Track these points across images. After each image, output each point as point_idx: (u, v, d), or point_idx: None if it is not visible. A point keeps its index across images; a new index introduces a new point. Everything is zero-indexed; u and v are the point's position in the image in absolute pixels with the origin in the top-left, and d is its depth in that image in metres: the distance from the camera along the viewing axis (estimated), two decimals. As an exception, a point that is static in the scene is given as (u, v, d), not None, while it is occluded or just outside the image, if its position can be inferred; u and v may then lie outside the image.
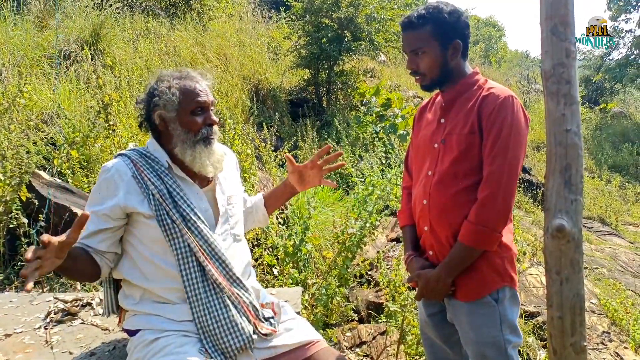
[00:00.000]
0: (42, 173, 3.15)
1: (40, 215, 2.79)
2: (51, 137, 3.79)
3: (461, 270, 1.68)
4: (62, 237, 1.39)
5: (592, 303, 3.79)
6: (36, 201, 2.83)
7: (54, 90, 4.62)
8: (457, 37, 1.69)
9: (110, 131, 3.67)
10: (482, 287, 1.68)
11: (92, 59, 5.46)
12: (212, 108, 1.75)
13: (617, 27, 18.84)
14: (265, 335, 1.64)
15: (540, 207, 7.20)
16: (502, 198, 1.58)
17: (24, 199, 2.83)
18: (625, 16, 18.59)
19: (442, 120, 1.78)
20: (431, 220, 1.76)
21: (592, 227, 6.89)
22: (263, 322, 1.66)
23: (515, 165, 1.59)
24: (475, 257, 1.65)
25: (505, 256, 1.70)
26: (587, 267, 4.82)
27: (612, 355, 3.17)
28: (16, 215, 2.76)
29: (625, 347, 3.26)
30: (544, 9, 1.23)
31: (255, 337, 1.61)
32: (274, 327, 1.68)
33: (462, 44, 1.70)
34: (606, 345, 3.27)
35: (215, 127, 1.75)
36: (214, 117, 1.73)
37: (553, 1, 1.22)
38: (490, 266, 1.68)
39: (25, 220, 2.79)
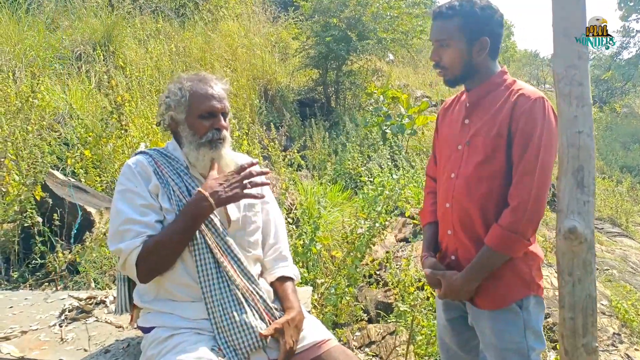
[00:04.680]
0: (56, 173, 3.20)
1: (54, 214, 2.83)
2: (64, 137, 3.84)
3: (486, 275, 1.62)
4: None
5: (602, 304, 3.78)
6: (50, 200, 2.87)
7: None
8: (486, 34, 1.62)
9: (123, 131, 3.72)
10: (508, 296, 1.63)
11: (103, 60, 5.52)
12: (224, 114, 1.73)
13: (628, 26, 18.71)
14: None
15: (550, 207, 7.17)
16: (533, 205, 1.53)
17: (38, 198, 2.88)
18: (636, 16, 18.46)
19: (467, 121, 1.72)
20: (454, 224, 1.71)
21: (602, 228, 6.84)
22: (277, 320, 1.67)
23: (547, 170, 1.53)
24: (501, 262, 1.60)
25: (532, 264, 1.65)
26: (597, 269, 4.79)
27: (622, 357, 3.16)
28: (31, 215, 2.80)
29: (636, 349, 3.25)
30: (556, 11, 1.24)
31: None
32: None
33: (490, 41, 1.63)
34: (616, 346, 3.26)
35: (225, 132, 1.73)
36: (223, 122, 1.72)
37: (565, 4, 1.22)
38: (516, 275, 1.63)
39: (40, 219, 2.83)
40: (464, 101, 1.76)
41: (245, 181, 1.62)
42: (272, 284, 1.79)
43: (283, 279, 1.80)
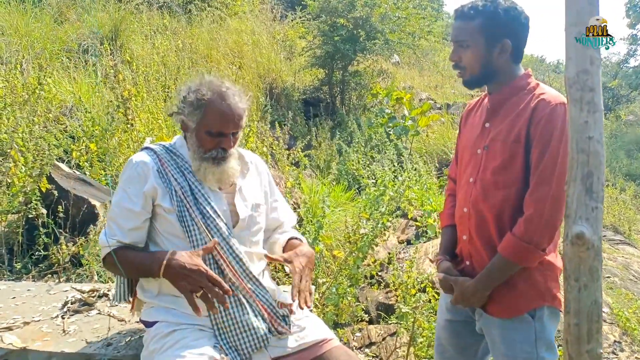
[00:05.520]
0: (61, 165, 3.21)
1: (59, 207, 2.83)
2: (70, 130, 3.85)
3: (499, 283, 1.58)
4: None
5: (603, 312, 3.77)
6: (56, 192, 2.88)
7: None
8: (508, 36, 1.57)
9: (129, 125, 3.72)
10: (520, 305, 1.59)
11: (111, 54, 5.53)
12: (235, 132, 1.69)
13: (635, 34, 18.67)
14: (280, 334, 1.65)
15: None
16: (549, 215, 1.49)
17: (44, 190, 2.88)
18: (644, 23, 18.40)
19: (487, 125, 1.67)
20: (470, 230, 1.68)
21: (605, 236, 6.83)
22: (279, 320, 1.68)
23: (563, 179, 1.42)
24: (514, 271, 1.56)
25: (548, 274, 1.60)
26: (599, 276, 4.78)
27: (622, 365, 3.15)
28: (35, 206, 2.81)
29: (637, 358, 3.24)
30: (570, 15, 1.23)
31: (270, 336, 1.63)
32: (289, 327, 1.69)
33: (512, 44, 1.58)
34: (617, 355, 3.25)
35: (232, 150, 1.70)
36: (231, 142, 1.68)
37: (579, 8, 1.22)
38: (530, 284, 1.59)
39: (44, 211, 2.83)
40: (486, 104, 1.72)
41: (202, 289, 1.50)
42: (283, 249, 1.84)
43: (292, 239, 1.87)
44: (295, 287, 1.62)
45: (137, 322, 1.88)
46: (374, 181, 4.98)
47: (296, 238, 1.88)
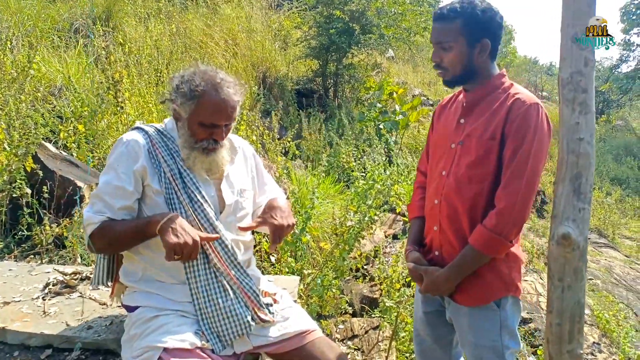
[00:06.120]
0: (48, 145, 3.16)
1: (44, 187, 2.79)
2: (59, 110, 3.79)
3: (468, 273, 1.66)
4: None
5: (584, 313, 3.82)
6: (41, 172, 2.83)
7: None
8: (487, 36, 1.63)
9: (118, 108, 3.67)
10: (487, 295, 1.67)
11: (103, 35, 5.44)
12: (228, 124, 1.67)
13: (629, 39, 18.82)
14: (263, 322, 1.65)
15: (537, 214, 7.23)
16: (519, 209, 1.55)
17: (29, 169, 2.84)
18: (638, 29, 18.54)
19: (462, 121, 1.73)
20: (441, 221, 1.73)
21: (589, 238, 6.90)
22: (263, 308, 1.67)
23: (534, 176, 1.55)
24: (483, 262, 1.63)
25: (512, 265, 1.68)
26: (581, 277, 4.84)
27: (600, 366, 3.19)
28: (20, 185, 2.77)
29: (615, 359, 3.29)
30: (566, 16, 1.23)
31: (253, 323, 1.62)
32: (273, 316, 1.69)
33: (491, 43, 1.65)
34: (595, 356, 3.30)
35: (224, 141, 1.69)
36: (223, 134, 1.67)
37: (575, 10, 1.22)
38: (496, 274, 1.66)
39: (29, 191, 2.79)
40: (461, 101, 1.77)
41: (184, 255, 1.49)
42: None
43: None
44: (274, 243, 1.72)
45: (119, 306, 1.87)
46: (363, 174, 4.98)
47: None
